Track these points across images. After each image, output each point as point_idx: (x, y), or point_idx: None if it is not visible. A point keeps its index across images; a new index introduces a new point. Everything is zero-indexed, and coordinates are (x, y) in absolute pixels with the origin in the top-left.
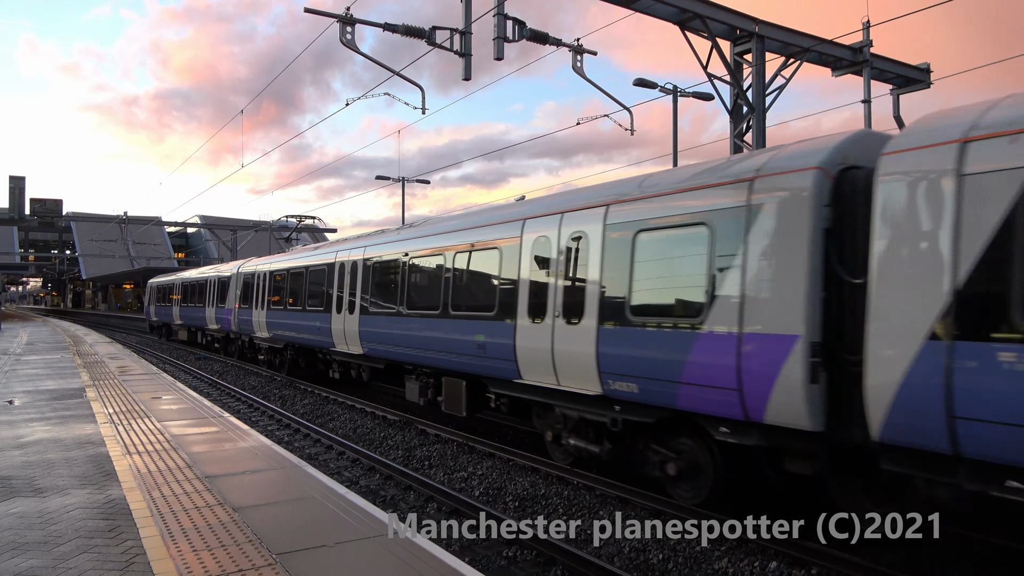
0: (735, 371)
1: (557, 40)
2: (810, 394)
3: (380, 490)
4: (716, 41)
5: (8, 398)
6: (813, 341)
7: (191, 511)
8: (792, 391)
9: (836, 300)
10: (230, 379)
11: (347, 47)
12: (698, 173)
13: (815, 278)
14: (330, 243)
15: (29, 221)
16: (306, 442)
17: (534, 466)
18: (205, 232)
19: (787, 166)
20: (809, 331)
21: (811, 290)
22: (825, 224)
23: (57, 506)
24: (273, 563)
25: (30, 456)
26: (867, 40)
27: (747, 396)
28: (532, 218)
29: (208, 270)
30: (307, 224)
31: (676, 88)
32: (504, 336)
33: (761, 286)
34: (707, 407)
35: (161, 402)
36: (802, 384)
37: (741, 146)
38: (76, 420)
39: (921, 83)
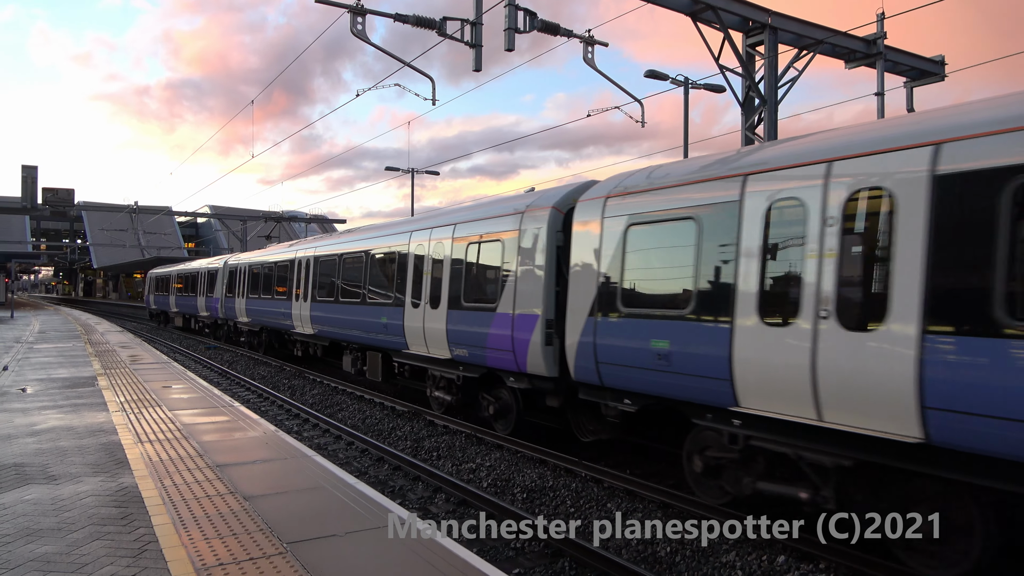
0: (510, 339)
1: (568, 31)
2: (546, 353)
3: (389, 480)
4: (728, 33)
5: (21, 386)
6: (548, 318)
7: (202, 499)
8: (536, 351)
9: (562, 291)
10: (240, 369)
11: (357, 37)
12: (496, 202)
13: (551, 277)
14: (293, 242)
15: (41, 210)
16: (315, 432)
17: (542, 458)
18: (215, 222)
19: (538, 204)
20: (546, 311)
21: (548, 284)
22: (558, 243)
23: (70, 493)
24: (283, 552)
25: (43, 444)
26: (881, 32)
27: (518, 355)
28: (415, 230)
29: (200, 263)
30: (316, 216)
31: (687, 80)
32: (398, 318)
33: (525, 281)
34: (501, 364)
35: (172, 391)
36: (541, 346)
37: (753, 138)
38: (88, 408)
39: (936, 76)
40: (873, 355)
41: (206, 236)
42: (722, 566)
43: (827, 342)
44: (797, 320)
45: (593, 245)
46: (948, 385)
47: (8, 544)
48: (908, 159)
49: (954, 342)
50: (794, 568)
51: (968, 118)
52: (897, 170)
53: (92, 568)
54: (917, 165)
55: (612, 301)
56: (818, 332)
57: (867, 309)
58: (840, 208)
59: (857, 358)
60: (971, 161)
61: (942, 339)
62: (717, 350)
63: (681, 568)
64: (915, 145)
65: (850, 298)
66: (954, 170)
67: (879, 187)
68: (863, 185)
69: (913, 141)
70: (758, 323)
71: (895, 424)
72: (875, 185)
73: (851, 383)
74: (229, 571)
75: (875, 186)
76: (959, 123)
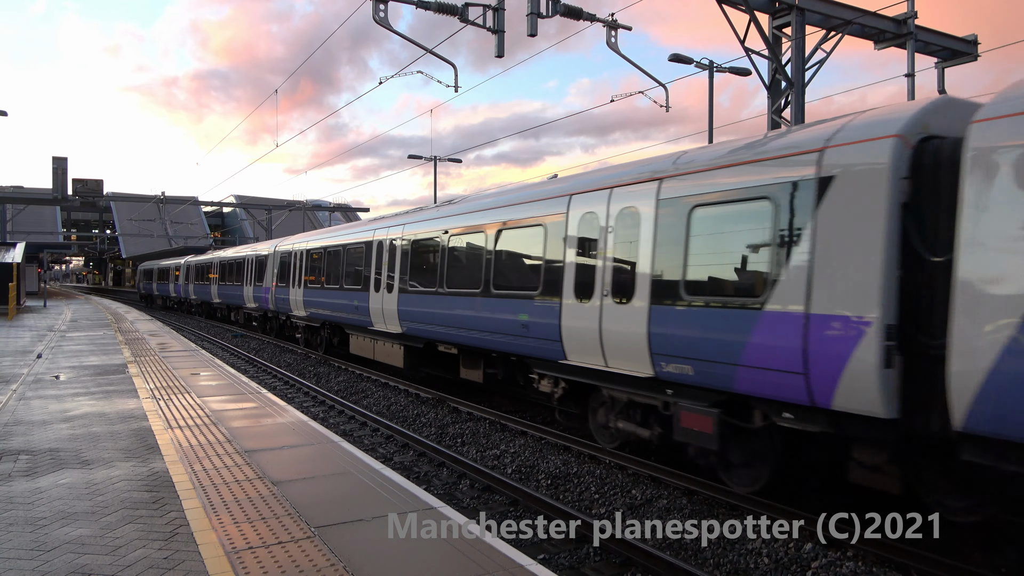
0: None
1: (591, 15)
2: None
3: (414, 466)
4: (754, 14)
5: (55, 373)
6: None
7: (231, 484)
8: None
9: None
10: (266, 356)
11: (380, 25)
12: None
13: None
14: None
15: (71, 201)
16: (341, 419)
17: (567, 445)
18: (240, 212)
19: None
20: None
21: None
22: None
23: (103, 478)
24: (311, 536)
25: (76, 429)
26: (911, 11)
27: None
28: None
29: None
30: (340, 205)
31: (712, 63)
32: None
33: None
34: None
35: (200, 378)
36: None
37: (779, 122)
38: (119, 395)
39: (968, 56)
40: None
41: (231, 225)
42: (748, 553)
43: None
44: None
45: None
46: (406, 312)
47: (45, 527)
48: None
49: (406, 295)
50: (822, 555)
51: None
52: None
53: (125, 551)
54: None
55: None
56: None
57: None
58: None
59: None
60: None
61: (404, 296)
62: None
63: (707, 554)
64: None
65: None
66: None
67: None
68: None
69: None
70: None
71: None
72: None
73: None
74: (259, 555)
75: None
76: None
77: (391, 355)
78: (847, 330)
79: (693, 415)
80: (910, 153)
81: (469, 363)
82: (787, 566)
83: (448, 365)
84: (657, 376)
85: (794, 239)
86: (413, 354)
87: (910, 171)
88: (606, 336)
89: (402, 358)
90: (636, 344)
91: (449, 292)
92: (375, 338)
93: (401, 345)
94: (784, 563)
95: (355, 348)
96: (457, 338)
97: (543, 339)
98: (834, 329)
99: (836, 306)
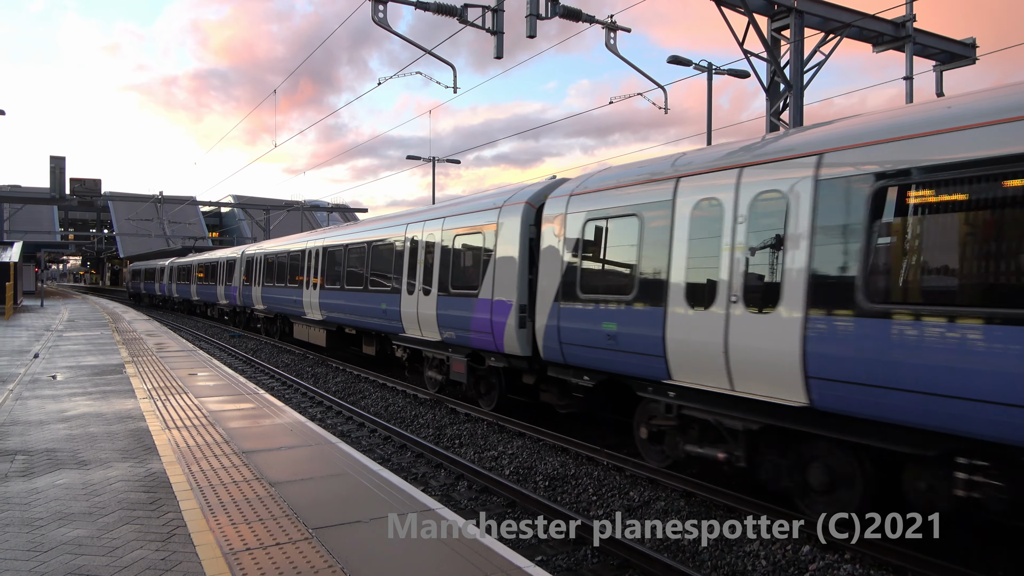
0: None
1: (590, 17)
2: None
3: (411, 467)
4: (753, 17)
5: (52, 373)
6: (521, 303)
7: (229, 485)
8: (511, 333)
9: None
10: (264, 357)
11: (379, 25)
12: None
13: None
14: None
15: (69, 200)
16: (338, 419)
17: (564, 446)
18: (238, 212)
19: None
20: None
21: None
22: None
23: (100, 478)
24: (309, 537)
25: (74, 430)
26: (910, 15)
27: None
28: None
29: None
30: (338, 205)
31: (711, 66)
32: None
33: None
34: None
35: (197, 378)
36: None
37: (777, 124)
38: (116, 395)
39: (966, 59)
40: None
41: (230, 225)
42: (746, 555)
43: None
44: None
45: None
46: (328, 305)
47: (41, 528)
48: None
49: (328, 291)
50: (819, 557)
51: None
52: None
53: (122, 552)
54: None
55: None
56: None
57: None
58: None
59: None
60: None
61: (325, 290)
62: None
63: (705, 556)
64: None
65: None
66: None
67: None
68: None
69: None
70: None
71: (317, 314)
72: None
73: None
74: (256, 556)
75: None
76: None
77: (316, 337)
78: (505, 308)
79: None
80: (534, 212)
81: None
82: (784, 568)
83: (353, 340)
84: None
85: (487, 256)
86: (332, 337)
87: (534, 221)
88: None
89: (324, 339)
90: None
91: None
92: (308, 325)
93: (323, 329)
94: (782, 565)
95: (298, 333)
96: (283, 310)
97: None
98: (500, 307)
99: (500, 295)
